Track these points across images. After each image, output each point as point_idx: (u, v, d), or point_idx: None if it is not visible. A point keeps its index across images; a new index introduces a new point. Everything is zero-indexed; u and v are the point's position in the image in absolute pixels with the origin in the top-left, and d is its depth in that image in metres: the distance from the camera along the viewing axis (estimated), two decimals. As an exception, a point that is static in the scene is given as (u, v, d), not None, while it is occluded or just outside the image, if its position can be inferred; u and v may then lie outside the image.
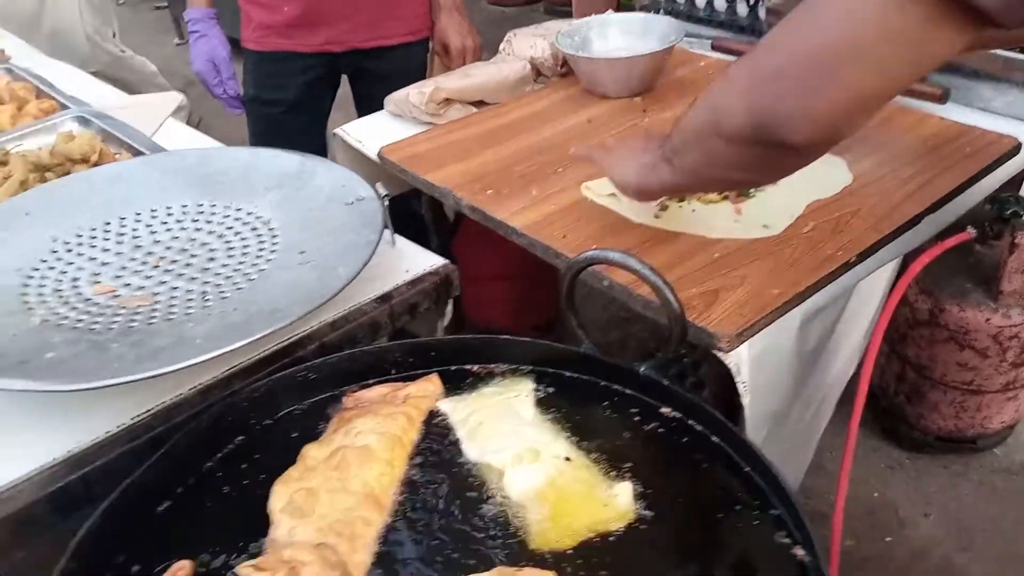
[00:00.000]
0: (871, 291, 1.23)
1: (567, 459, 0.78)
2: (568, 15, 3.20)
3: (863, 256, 1.07)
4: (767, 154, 0.80)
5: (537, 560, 0.68)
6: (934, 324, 1.70)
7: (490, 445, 0.80)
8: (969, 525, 1.82)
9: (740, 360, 0.96)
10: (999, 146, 1.29)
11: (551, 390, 0.86)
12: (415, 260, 1.08)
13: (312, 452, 0.77)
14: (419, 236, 1.19)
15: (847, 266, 1.05)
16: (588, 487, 0.75)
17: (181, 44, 4.99)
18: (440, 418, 0.84)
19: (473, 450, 0.80)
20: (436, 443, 0.81)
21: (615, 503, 0.73)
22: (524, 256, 1.19)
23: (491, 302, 2.03)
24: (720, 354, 0.95)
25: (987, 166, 1.25)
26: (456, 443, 0.81)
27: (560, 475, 0.76)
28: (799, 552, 0.66)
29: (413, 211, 1.80)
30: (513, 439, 0.80)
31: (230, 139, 1.55)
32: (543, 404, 0.85)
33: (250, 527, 0.71)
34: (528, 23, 2.04)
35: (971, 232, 1.39)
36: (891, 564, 1.77)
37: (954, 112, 1.41)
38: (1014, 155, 1.30)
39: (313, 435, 0.81)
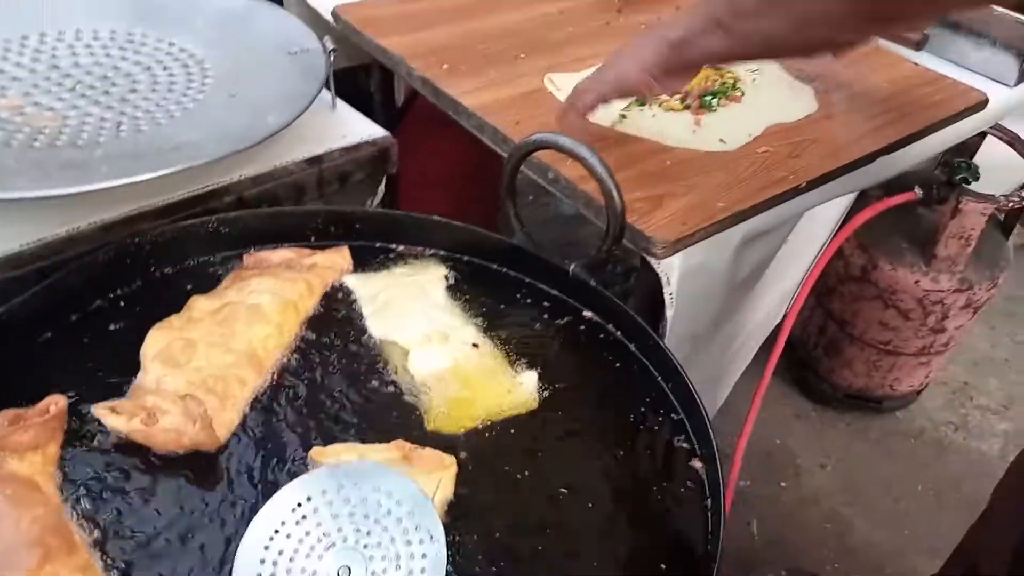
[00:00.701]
0: (810, 237, 1.20)
1: (474, 345, 0.75)
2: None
3: (813, 184, 1.04)
4: None
5: (431, 441, 0.65)
6: (864, 280, 1.71)
7: (397, 324, 0.76)
8: (860, 481, 1.88)
9: (672, 270, 0.92)
10: (966, 98, 1.26)
11: (465, 277, 0.83)
12: (353, 127, 1.02)
13: (200, 304, 0.72)
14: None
15: (796, 191, 1.02)
16: (493, 373, 0.72)
17: None
18: (346, 293, 0.80)
19: (378, 327, 0.76)
20: (338, 316, 0.77)
21: (518, 391, 0.71)
22: (467, 159, 1.10)
23: (428, 208, 1.98)
24: (653, 261, 0.92)
25: (952, 115, 1.22)
26: (360, 319, 0.77)
27: (466, 359, 0.73)
28: (696, 464, 0.64)
29: (360, 90, 1.72)
30: (422, 320, 0.77)
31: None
32: (455, 290, 0.81)
33: (124, 371, 0.67)
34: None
35: (917, 192, 1.38)
36: (780, 507, 1.82)
37: (928, 61, 1.38)
38: (979, 110, 1.26)
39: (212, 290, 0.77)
